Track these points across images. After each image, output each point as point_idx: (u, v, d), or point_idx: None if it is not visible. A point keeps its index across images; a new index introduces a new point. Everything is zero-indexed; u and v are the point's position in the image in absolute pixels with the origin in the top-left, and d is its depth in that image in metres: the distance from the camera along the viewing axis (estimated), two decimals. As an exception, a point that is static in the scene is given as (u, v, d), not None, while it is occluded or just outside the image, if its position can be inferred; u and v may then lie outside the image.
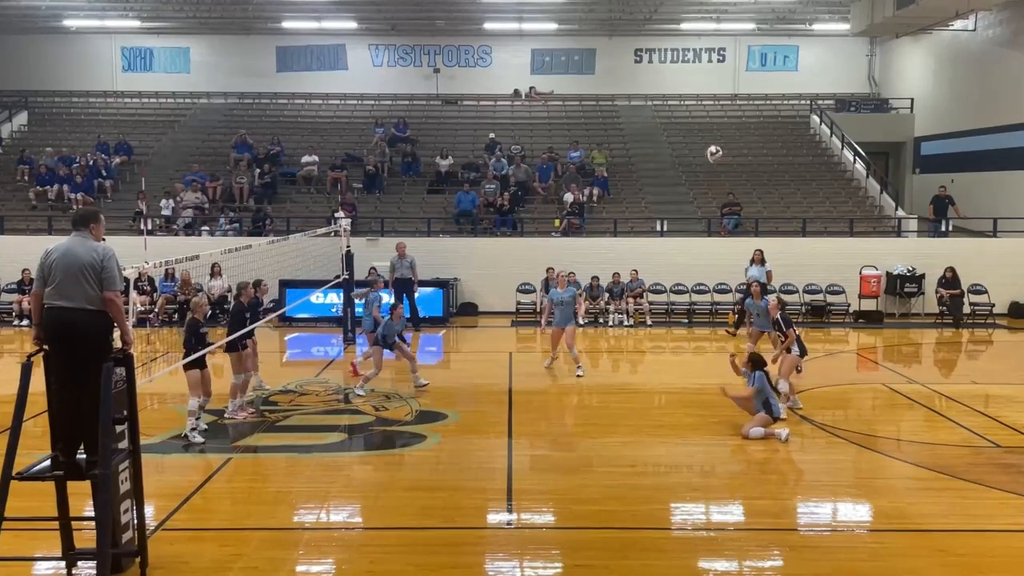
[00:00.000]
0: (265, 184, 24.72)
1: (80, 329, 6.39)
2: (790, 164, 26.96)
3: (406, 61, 31.78)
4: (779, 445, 10.60)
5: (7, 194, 25.05)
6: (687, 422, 11.70)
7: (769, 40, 31.24)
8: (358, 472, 9.82)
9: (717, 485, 9.31)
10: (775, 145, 28.24)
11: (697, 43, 31.43)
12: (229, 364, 12.01)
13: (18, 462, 6.34)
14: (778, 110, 30.87)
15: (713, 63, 31.76)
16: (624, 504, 8.58)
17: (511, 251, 22.01)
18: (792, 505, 8.74)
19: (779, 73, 31.61)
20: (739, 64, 31.69)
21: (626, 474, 9.49)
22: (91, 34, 30.88)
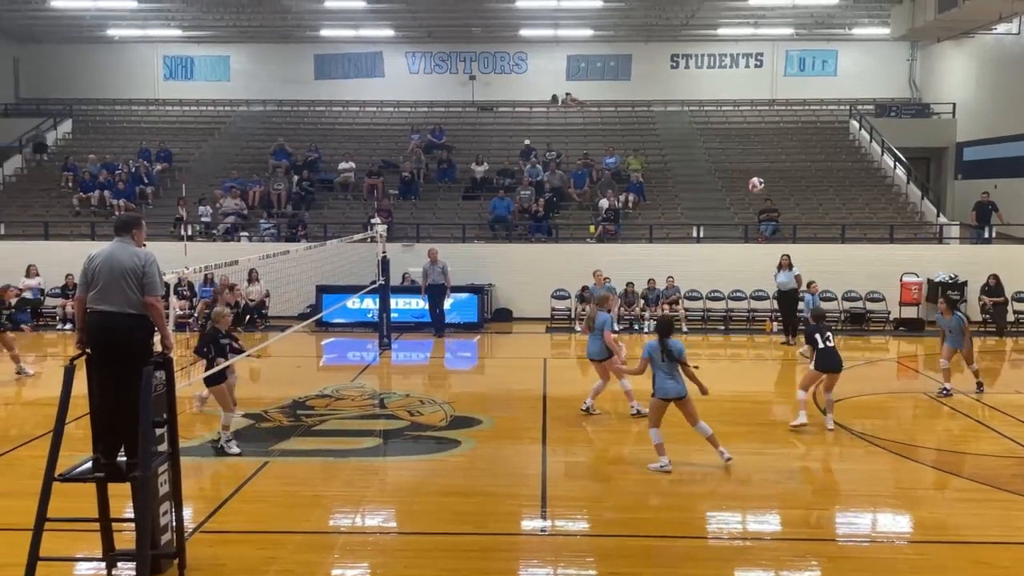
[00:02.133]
0: (303, 190, 24.98)
1: (122, 333, 6.49)
2: (829, 170, 26.65)
3: (442, 68, 31.94)
4: (817, 454, 10.45)
5: (52, 200, 25.57)
6: (723, 430, 11.55)
7: (808, 45, 30.92)
8: (393, 476, 9.87)
9: (753, 494, 9.20)
10: (813, 151, 27.94)
11: (734, 48, 31.22)
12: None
13: (60, 464, 6.46)
14: (816, 115, 30.54)
15: (750, 68, 31.52)
16: (658, 512, 8.52)
17: (546, 257, 22.00)
18: (830, 515, 8.62)
19: (818, 78, 31.27)
20: (777, 69, 31.41)
21: (661, 482, 9.43)
22: (134, 43, 31.46)
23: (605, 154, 26.52)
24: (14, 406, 13.33)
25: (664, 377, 9.74)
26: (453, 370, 17.54)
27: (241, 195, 24.34)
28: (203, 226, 23.22)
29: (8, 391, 14.21)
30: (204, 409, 12.05)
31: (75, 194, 24.96)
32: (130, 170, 25.57)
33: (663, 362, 9.72)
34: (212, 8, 27.17)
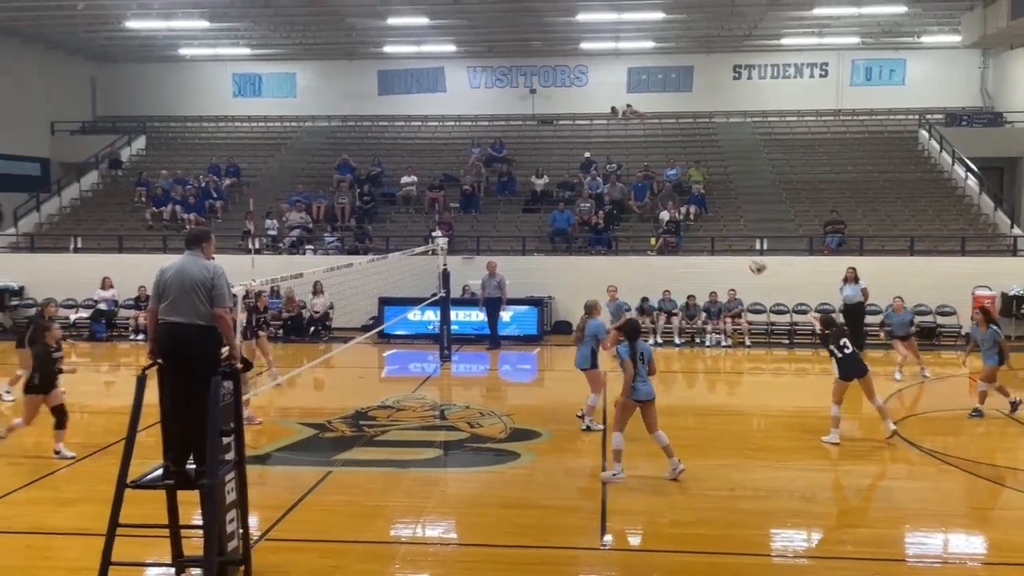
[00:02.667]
0: (366, 204, 25.36)
1: (191, 344, 6.67)
2: (897, 180, 26.04)
3: (503, 82, 32.14)
4: (885, 471, 10.20)
5: (126, 215, 26.41)
6: (787, 446, 11.39)
7: (874, 54, 30.30)
8: (453, 488, 9.92)
9: (819, 511, 9.02)
10: (881, 161, 27.33)
11: (798, 58, 30.75)
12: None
13: (132, 471, 6.66)
14: (884, 125, 29.88)
15: (815, 78, 31.00)
16: (721, 528, 8.40)
17: (606, 270, 21.88)
18: (899, 534, 8.39)
19: (885, 87, 30.59)
20: (842, 79, 30.84)
21: (723, 497, 9.30)
22: (204, 62, 32.35)
23: (666, 166, 26.35)
24: (89, 414, 13.76)
25: (636, 379, 9.78)
26: (512, 382, 17.57)
27: (306, 209, 24.82)
28: (270, 239, 23.72)
29: (85, 400, 14.68)
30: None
31: (148, 208, 25.74)
32: (200, 185, 26.28)
33: (636, 365, 9.81)
34: (279, 27, 27.81)
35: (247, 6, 24.96)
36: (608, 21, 26.40)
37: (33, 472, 10.05)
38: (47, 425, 10.95)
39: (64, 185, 28.21)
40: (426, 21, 26.23)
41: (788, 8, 25.19)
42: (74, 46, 30.36)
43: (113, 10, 25.02)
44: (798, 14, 25.90)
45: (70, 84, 31.72)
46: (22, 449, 10.98)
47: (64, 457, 10.55)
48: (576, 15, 25.47)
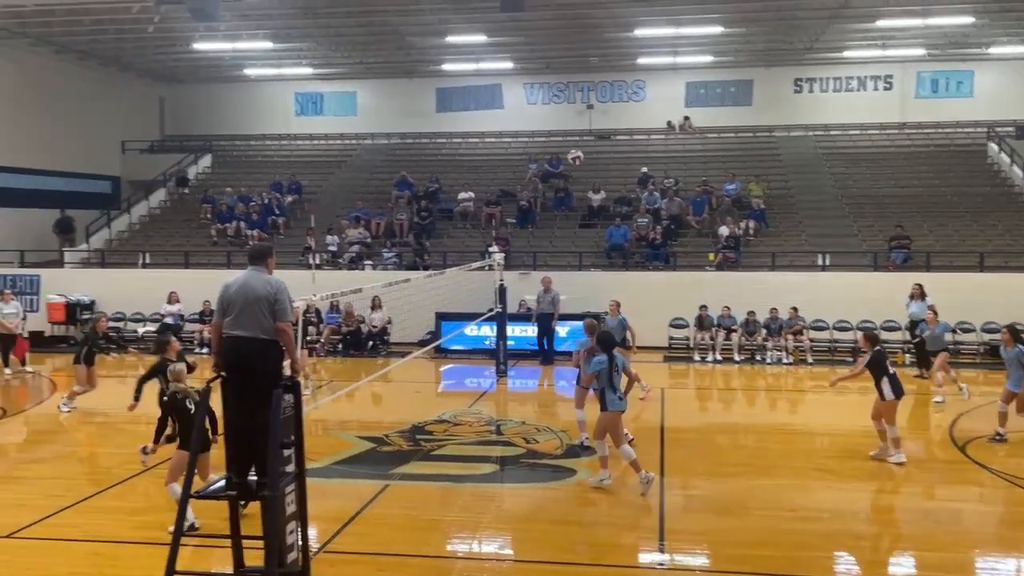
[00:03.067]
0: (423, 220, 25.60)
1: (254, 357, 6.79)
2: (965, 195, 25.36)
3: (560, 98, 32.23)
4: (954, 493, 9.87)
5: (192, 231, 27.10)
6: (851, 466, 11.13)
7: (940, 65, 29.61)
8: (509, 504, 9.91)
9: (884, 534, 8.79)
10: (948, 175, 26.66)
11: (862, 71, 30.21)
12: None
13: (196, 481, 6.79)
14: (951, 138, 29.16)
15: (879, 91, 30.41)
16: (782, 550, 8.23)
17: (663, 285, 21.75)
18: (968, 559, 8.12)
19: (952, 100, 29.84)
20: (907, 91, 30.19)
21: (785, 518, 9.11)
22: (268, 82, 33.10)
23: (725, 180, 26.08)
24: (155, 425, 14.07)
25: (614, 391, 9.94)
26: (568, 398, 17.47)
27: (365, 225, 25.15)
28: (330, 255, 24.08)
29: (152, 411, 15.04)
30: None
31: (213, 225, 26.37)
32: (263, 202, 26.84)
33: (612, 376, 9.93)
34: (341, 47, 28.33)
35: (310, 27, 25.50)
36: (666, 36, 26.30)
37: (103, 481, 10.32)
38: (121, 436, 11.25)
39: (134, 202, 29.08)
40: (484, 39, 26.45)
41: (851, 20, 24.79)
42: (144, 68, 31.34)
43: (182, 32, 25.78)
44: (861, 26, 25.48)
45: (140, 104, 32.74)
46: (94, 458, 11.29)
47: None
48: (634, 30, 25.43)
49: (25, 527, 8.74)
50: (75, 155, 29.01)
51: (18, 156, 26.64)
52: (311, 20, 24.61)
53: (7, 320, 18.62)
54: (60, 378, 19.07)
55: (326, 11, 23.76)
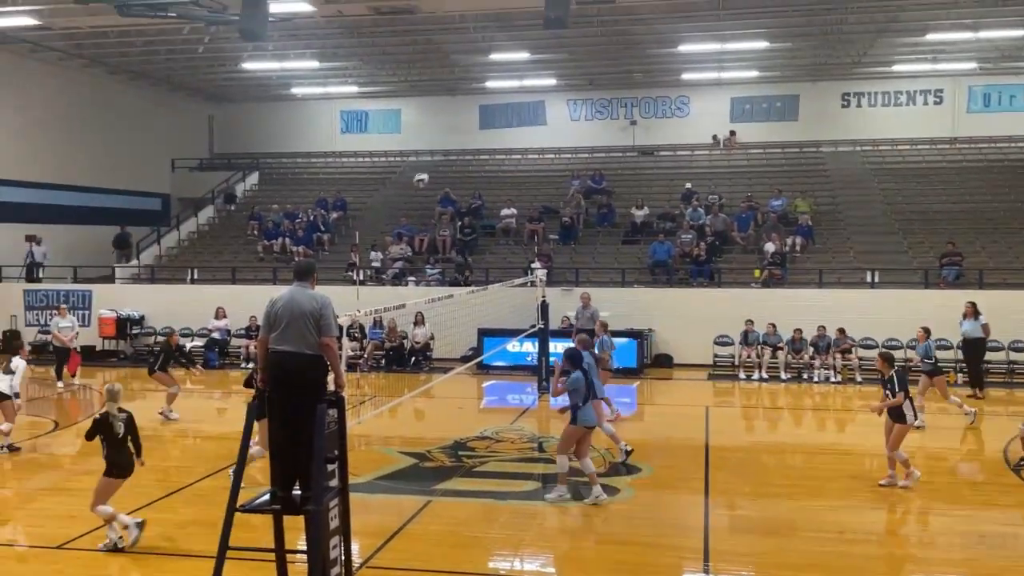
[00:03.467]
0: (466, 236, 25.70)
1: (300, 372, 6.85)
2: (1018, 211, 24.75)
3: (603, 114, 32.20)
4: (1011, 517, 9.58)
5: (239, 247, 27.52)
6: (901, 487, 10.86)
7: (993, 79, 29.02)
8: (551, 522, 9.83)
9: (937, 558, 8.55)
10: (1001, 190, 26.07)
11: (911, 85, 29.75)
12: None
13: (242, 495, 6.85)
14: (1004, 153, 28.53)
15: (929, 105, 29.90)
16: (831, 573, 8.05)
17: (708, 302, 21.53)
18: (1027, 587, 7.87)
19: (1005, 114, 29.19)
20: (959, 105, 29.63)
21: (833, 540, 8.91)
22: (314, 100, 33.61)
23: (771, 196, 25.81)
24: (201, 439, 14.29)
25: (587, 407, 10.11)
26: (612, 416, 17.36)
27: (408, 241, 25.32)
28: (373, 271, 24.28)
29: (199, 425, 15.27)
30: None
31: (259, 241, 26.76)
32: (309, 218, 27.18)
33: (586, 391, 10.09)
34: (386, 65, 28.67)
35: (355, 46, 25.85)
36: (711, 51, 26.18)
37: (151, 494, 10.46)
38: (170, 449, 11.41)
39: (183, 219, 29.66)
40: (527, 56, 26.58)
41: (900, 34, 24.46)
42: (194, 87, 32.03)
43: (231, 52, 26.32)
44: (911, 40, 25.12)
45: (190, 123, 33.47)
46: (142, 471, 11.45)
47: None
48: (678, 46, 25.36)
49: (75, 538, 8.89)
50: (127, 173, 29.72)
51: (71, 174, 27.38)
52: (357, 39, 24.96)
53: (63, 334, 19.05)
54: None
55: (371, 31, 24.08)
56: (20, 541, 9.14)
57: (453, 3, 20.80)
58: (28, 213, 25.87)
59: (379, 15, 21.64)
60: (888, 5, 20.65)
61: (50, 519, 9.73)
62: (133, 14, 17.76)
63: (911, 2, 19.97)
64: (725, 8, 21.71)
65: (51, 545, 8.77)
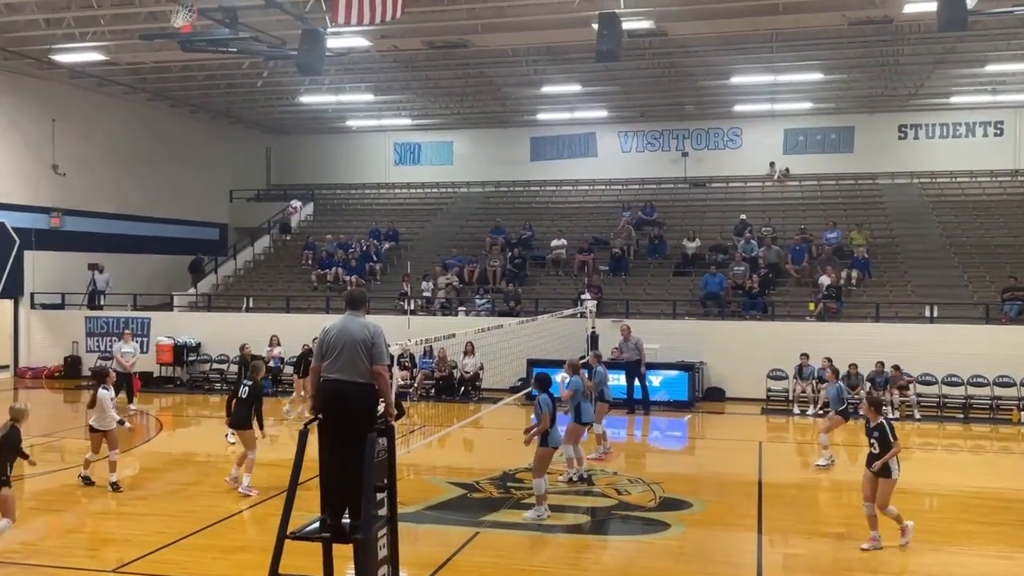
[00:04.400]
0: (516, 267, 25.76)
1: (352, 400, 6.91)
2: (1084, 244, 24.06)
3: (654, 146, 32.17)
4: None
5: (293, 276, 27.96)
6: (963, 528, 10.52)
7: (1055, 110, 28.37)
8: (599, 556, 9.72)
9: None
10: (1066, 223, 25.37)
11: (970, 116, 29.20)
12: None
13: (292, 522, 6.90)
14: (1068, 185, 27.81)
15: (989, 137, 29.29)
16: (889, 616, 7.80)
17: (761, 335, 21.23)
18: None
19: (1069, 145, 28.52)
20: (1020, 137, 28.98)
21: (891, 583, 8.65)
22: (368, 132, 34.18)
23: (825, 228, 25.44)
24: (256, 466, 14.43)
25: (555, 429, 10.69)
26: (662, 449, 17.16)
27: (458, 272, 25.47)
28: (424, 301, 24.44)
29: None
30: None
31: (313, 271, 27.16)
32: (361, 248, 27.52)
33: (552, 414, 10.74)
34: (439, 98, 29.08)
35: (409, 79, 26.29)
36: (764, 83, 26.04)
37: (204, 519, 10.60)
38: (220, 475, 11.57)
39: (239, 249, 30.25)
40: (579, 88, 26.74)
41: (957, 65, 24.09)
42: (252, 120, 32.83)
43: (288, 86, 26.95)
44: (969, 71, 24.73)
45: (248, 155, 34.27)
46: (195, 497, 11.62)
47: None
48: (730, 78, 25.30)
49: (129, 562, 9.03)
50: (186, 203, 30.50)
51: (133, 204, 28.19)
52: (411, 73, 25.38)
53: (125, 359, 19.46)
54: (166, 417, 19.82)
55: (425, 64, 24.47)
56: (75, 564, 9.30)
57: (505, 37, 21.04)
58: (91, 242, 26.66)
59: (433, 49, 22.00)
60: (946, 37, 20.35)
61: (105, 543, 9.90)
62: (195, 50, 18.31)
63: (970, 34, 19.61)
64: (778, 40, 21.62)
65: (106, 569, 8.91)
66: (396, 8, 15.53)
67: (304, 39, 17.06)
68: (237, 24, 16.81)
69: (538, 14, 19.42)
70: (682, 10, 18.75)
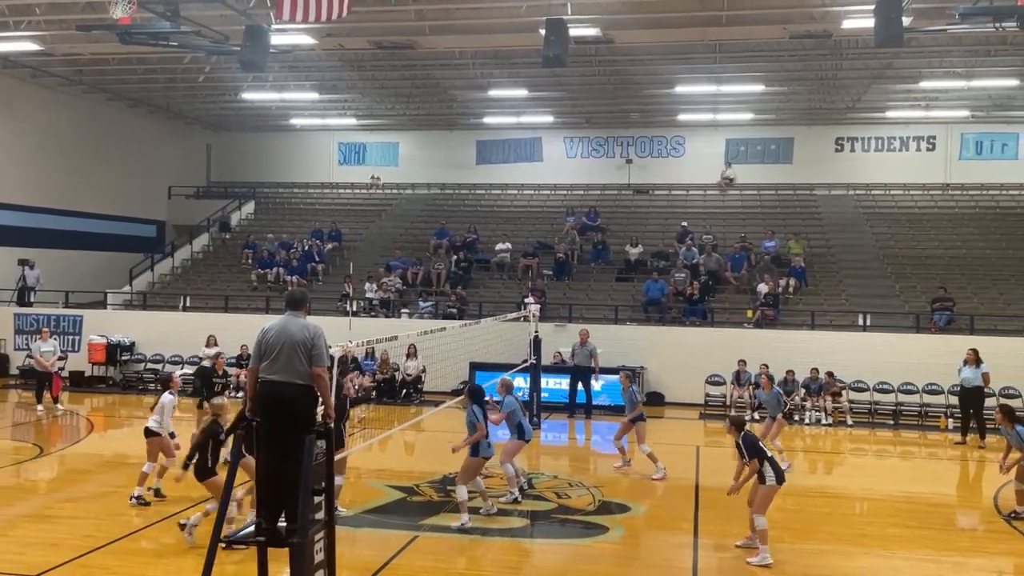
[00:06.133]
0: (460, 270, 25.71)
1: (290, 402, 6.81)
2: (1011, 258, 24.93)
3: (599, 152, 32.44)
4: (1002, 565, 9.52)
5: (232, 276, 27.49)
6: (893, 533, 10.79)
7: (985, 127, 29.34)
8: (539, 560, 9.73)
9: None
10: (993, 237, 26.27)
11: (904, 131, 30.07)
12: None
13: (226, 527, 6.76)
14: (996, 200, 28.79)
15: (922, 151, 30.20)
16: (820, 618, 7.97)
17: (700, 341, 21.54)
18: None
19: (997, 162, 29.50)
20: (951, 152, 29.94)
21: (822, 585, 8.83)
22: (313, 131, 33.80)
23: (764, 237, 25.94)
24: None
25: (484, 441, 10.87)
26: (602, 453, 17.26)
27: (401, 274, 25.32)
28: (367, 302, 24.23)
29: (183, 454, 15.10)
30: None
31: (253, 270, 26.73)
32: (304, 248, 27.19)
33: (485, 426, 10.89)
34: (385, 99, 28.91)
35: (355, 79, 26.08)
36: (707, 93, 26.47)
37: (133, 523, 10.34)
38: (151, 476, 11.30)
39: (177, 247, 29.63)
40: (525, 93, 26.82)
41: (893, 81, 24.79)
42: (193, 115, 32.21)
43: (231, 82, 26.50)
44: (904, 87, 25.47)
45: (187, 151, 33.61)
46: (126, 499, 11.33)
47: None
48: (674, 87, 25.64)
49: (56, 567, 8.76)
50: (123, 199, 29.78)
51: (67, 199, 27.43)
52: (357, 72, 25.19)
53: (44, 358, 18.88)
54: (97, 417, 19.30)
55: (371, 64, 24.30)
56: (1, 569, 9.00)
57: (453, 40, 21.01)
58: (23, 237, 25.85)
59: (379, 49, 21.84)
60: (882, 53, 20.94)
61: (31, 546, 9.59)
62: (135, 42, 17.88)
63: (905, 50, 20.25)
64: (722, 51, 22.01)
65: (32, 573, 8.62)
66: (342, 7, 15.40)
67: (247, 35, 16.81)
68: (178, 18, 16.50)
69: (486, 18, 19.46)
70: (628, 18, 18.94)
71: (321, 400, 6.96)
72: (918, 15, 16.77)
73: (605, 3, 18.15)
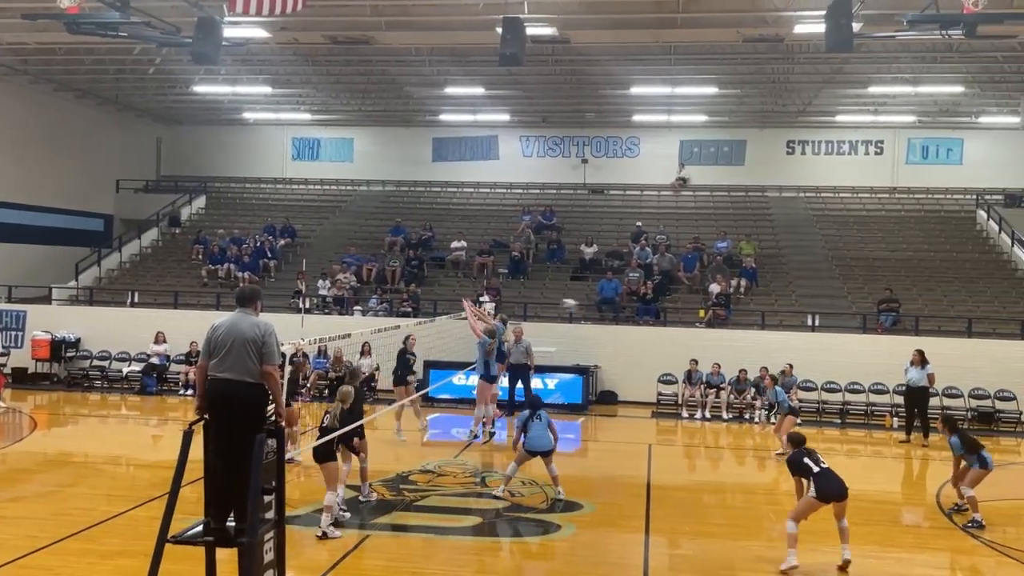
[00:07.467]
0: (414, 268, 25.60)
1: (240, 401, 6.72)
2: (954, 260, 25.57)
3: (555, 151, 32.52)
4: (942, 561, 9.74)
5: (182, 271, 27.02)
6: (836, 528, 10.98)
7: (931, 133, 30.04)
8: (491, 558, 9.74)
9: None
10: (937, 240, 26.91)
11: (853, 135, 30.65)
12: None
13: (174, 526, 6.65)
14: (941, 204, 29.49)
15: (870, 155, 30.81)
16: (768, 614, 8.09)
17: (653, 340, 21.72)
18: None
19: (942, 166, 30.21)
20: (898, 157, 30.61)
21: (770, 582, 8.97)
22: (266, 126, 33.34)
23: (717, 238, 26.25)
24: (135, 467, 13.88)
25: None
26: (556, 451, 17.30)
27: (355, 271, 25.12)
28: (320, 299, 24.01)
29: (132, 452, 14.85)
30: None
31: (204, 266, 26.30)
32: (256, 244, 26.82)
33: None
34: (340, 94, 28.63)
35: (309, 74, 25.78)
36: (661, 95, 26.68)
37: (79, 523, 10.12)
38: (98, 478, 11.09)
39: (125, 241, 29.02)
40: (482, 91, 26.78)
41: (843, 86, 25.23)
42: (143, 108, 31.57)
43: (182, 75, 26.02)
44: (853, 92, 25.94)
45: (137, 144, 32.91)
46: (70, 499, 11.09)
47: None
48: (629, 88, 25.81)
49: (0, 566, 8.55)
50: (69, 192, 29.04)
51: (10, 191, 26.66)
52: (311, 67, 24.91)
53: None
54: (40, 415, 18.84)
55: (326, 59, 24.05)
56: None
57: (409, 36, 20.87)
58: (-38, 229, 25.13)
59: (334, 44, 21.57)
60: (833, 58, 21.31)
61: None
62: (82, 32, 17.40)
63: (855, 56, 20.63)
64: (676, 53, 22.20)
65: (-31, 575, 8.40)
66: (296, 1, 15.20)
67: (199, 27, 16.48)
68: (129, 8, 16.12)
69: (442, 15, 19.36)
70: (585, 18, 19.01)
71: (272, 398, 6.88)
72: (868, 21, 17.08)
73: (562, 3, 18.19)
